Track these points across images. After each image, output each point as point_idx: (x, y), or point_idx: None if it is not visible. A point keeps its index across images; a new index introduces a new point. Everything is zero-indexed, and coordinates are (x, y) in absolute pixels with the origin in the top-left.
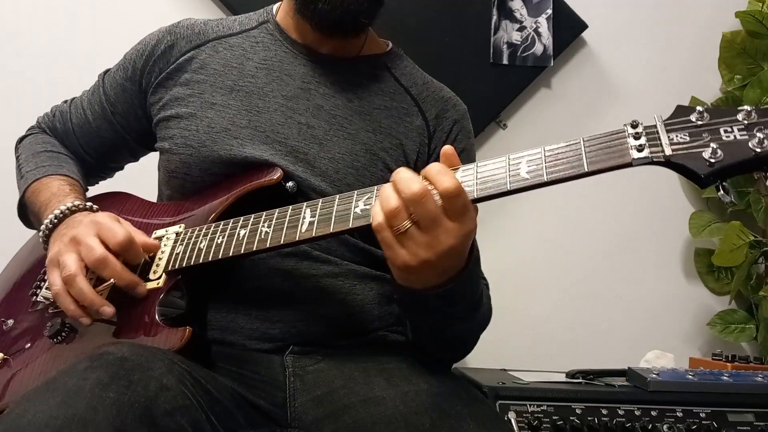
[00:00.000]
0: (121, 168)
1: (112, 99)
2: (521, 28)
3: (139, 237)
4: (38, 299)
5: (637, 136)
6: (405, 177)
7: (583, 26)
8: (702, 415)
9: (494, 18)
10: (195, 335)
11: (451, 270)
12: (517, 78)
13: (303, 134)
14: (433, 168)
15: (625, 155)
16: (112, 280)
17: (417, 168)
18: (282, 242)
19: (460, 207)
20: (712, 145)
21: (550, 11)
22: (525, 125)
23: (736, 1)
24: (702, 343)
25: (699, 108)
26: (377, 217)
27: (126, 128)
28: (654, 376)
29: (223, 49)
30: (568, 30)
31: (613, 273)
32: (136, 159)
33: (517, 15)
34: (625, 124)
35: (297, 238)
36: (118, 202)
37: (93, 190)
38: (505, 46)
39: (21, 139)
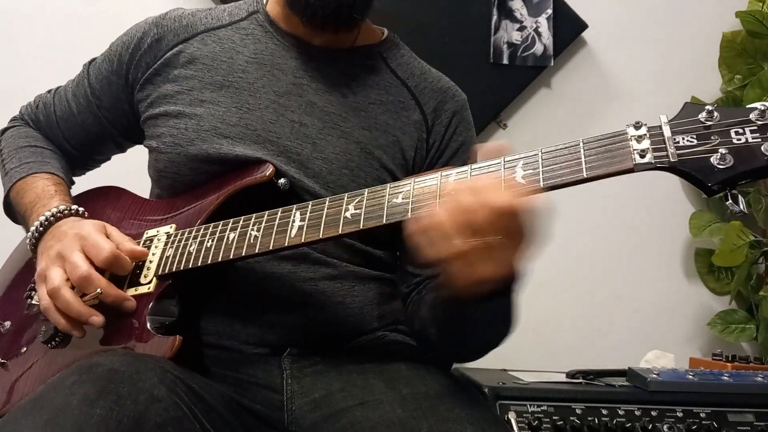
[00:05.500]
0: (108, 159)
1: (98, 92)
2: (521, 28)
3: (126, 245)
4: (32, 302)
5: (639, 139)
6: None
7: (583, 26)
8: (702, 415)
9: (494, 18)
10: (185, 344)
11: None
12: (517, 78)
13: (295, 133)
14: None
15: (627, 160)
16: (98, 290)
17: (415, 163)
18: (271, 248)
19: (513, 225)
20: (720, 150)
21: (550, 11)
22: (525, 125)
23: (736, 1)
24: (702, 343)
25: (708, 107)
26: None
27: (112, 122)
28: (654, 376)
29: (212, 42)
30: (568, 30)
31: (613, 273)
32: (123, 151)
33: (517, 15)
34: (627, 125)
35: (286, 244)
36: (111, 198)
37: (86, 182)
38: (505, 46)
39: (3, 131)
